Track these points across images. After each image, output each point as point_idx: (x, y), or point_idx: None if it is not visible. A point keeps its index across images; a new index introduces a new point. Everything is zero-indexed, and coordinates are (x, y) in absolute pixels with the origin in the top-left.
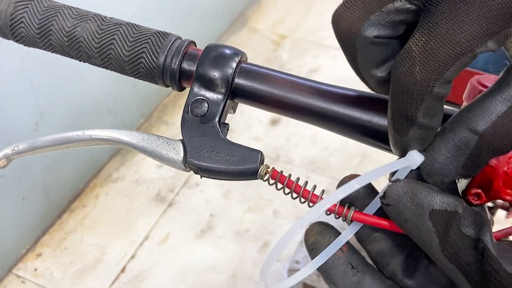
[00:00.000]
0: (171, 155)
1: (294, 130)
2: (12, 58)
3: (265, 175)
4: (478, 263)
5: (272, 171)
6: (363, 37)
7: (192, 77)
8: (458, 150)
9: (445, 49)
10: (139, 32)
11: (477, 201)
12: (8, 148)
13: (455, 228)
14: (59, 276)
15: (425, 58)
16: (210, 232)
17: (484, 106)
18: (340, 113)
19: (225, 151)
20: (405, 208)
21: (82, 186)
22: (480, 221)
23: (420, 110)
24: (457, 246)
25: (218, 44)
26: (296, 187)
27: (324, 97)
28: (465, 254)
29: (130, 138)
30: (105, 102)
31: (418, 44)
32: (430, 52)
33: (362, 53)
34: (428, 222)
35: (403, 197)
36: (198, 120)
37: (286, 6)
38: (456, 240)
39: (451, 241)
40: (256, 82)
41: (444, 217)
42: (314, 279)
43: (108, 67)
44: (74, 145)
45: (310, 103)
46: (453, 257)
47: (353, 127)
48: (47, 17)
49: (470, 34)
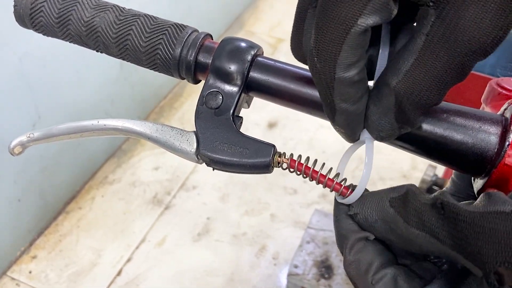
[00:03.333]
0: (184, 146)
1: (291, 133)
2: (11, 59)
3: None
4: (442, 220)
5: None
6: None
7: (207, 70)
8: (384, 107)
9: (327, 35)
10: (157, 24)
11: None
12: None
13: (412, 201)
14: (54, 279)
15: (317, 49)
16: (207, 236)
17: (395, 62)
18: None
19: (238, 143)
20: (369, 210)
21: (78, 188)
22: (434, 191)
23: (335, 97)
24: (419, 213)
25: (234, 37)
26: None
27: None
28: (427, 216)
29: (143, 129)
30: (102, 103)
31: (311, 38)
32: (319, 42)
33: None
34: (390, 209)
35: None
36: (212, 112)
37: (283, 9)
38: (416, 208)
39: (412, 212)
40: (271, 75)
41: (401, 199)
42: (313, 283)
43: (124, 58)
44: (88, 134)
45: None
46: (419, 223)
47: None
48: (67, 6)
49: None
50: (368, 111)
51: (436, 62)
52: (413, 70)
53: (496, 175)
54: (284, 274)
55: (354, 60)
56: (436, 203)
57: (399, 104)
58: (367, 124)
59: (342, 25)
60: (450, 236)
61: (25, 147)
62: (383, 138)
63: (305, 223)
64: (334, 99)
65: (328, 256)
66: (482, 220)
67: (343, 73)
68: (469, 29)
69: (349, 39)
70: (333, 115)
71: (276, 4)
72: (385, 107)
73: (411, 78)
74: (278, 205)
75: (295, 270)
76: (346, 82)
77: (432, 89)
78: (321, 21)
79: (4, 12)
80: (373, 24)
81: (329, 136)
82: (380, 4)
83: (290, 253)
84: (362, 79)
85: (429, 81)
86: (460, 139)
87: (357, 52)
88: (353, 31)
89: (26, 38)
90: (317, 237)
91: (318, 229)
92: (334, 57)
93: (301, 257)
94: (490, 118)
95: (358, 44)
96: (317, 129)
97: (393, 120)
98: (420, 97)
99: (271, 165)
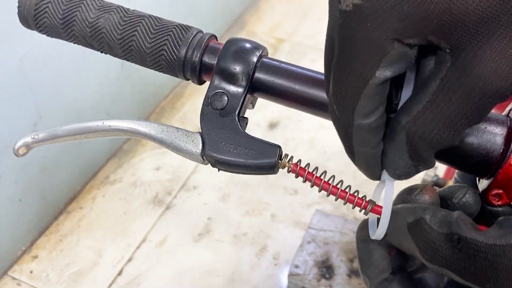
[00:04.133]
0: (189, 147)
1: (292, 134)
2: (12, 59)
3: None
4: (457, 254)
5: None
6: None
7: (212, 71)
8: (396, 144)
9: (345, 86)
10: (161, 25)
11: (498, 202)
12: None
13: (425, 232)
14: (55, 279)
15: (335, 98)
16: (208, 236)
17: (409, 102)
18: None
19: (243, 144)
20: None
21: (79, 188)
22: (448, 218)
23: (354, 142)
24: (433, 244)
25: (239, 38)
26: (317, 180)
27: None
28: (441, 249)
29: (149, 130)
30: (103, 104)
31: (330, 88)
32: (337, 93)
33: None
34: (408, 236)
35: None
36: (217, 113)
37: (284, 10)
38: (429, 241)
39: (425, 245)
40: (277, 76)
41: (417, 226)
42: (313, 284)
43: (129, 59)
44: (93, 135)
45: None
46: (433, 256)
47: None
48: (71, 7)
49: (360, 68)
50: (383, 149)
51: (449, 105)
52: (425, 111)
53: (502, 175)
54: (284, 274)
55: (372, 108)
56: (452, 238)
57: (411, 142)
58: (384, 162)
59: (359, 78)
60: (466, 270)
61: (29, 148)
62: (399, 176)
63: (305, 223)
64: (353, 144)
65: (329, 256)
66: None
67: (361, 121)
68: (485, 74)
69: (367, 90)
70: (353, 157)
71: (277, 4)
72: (397, 145)
73: (422, 119)
74: (278, 205)
75: (295, 270)
76: (365, 129)
77: (445, 131)
78: (338, 74)
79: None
80: (392, 75)
81: (330, 137)
82: (398, 55)
83: (291, 253)
84: (381, 124)
85: (441, 122)
86: (466, 140)
87: (376, 101)
88: (371, 83)
89: (27, 39)
90: (318, 237)
91: (319, 229)
92: (352, 106)
93: (302, 257)
94: (495, 119)
95: (377, 93)
96: (318, 129)
97: (407, 158)
98: (432, 137)
99: (276, 166)
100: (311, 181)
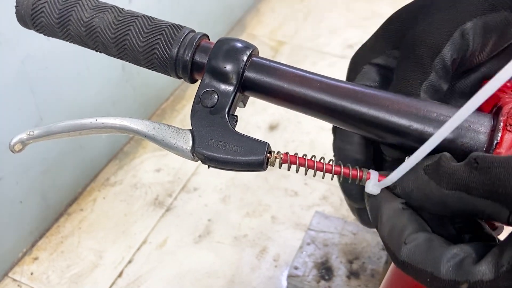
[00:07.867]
0: (180, 144)
1: (292, 136)
2: (13, 61)
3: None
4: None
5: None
6: None
7: (203, 69)
8: None
9: None
10: (154, 24)
11: None
12: (24, 133)
13: (444, 165)
14: (55, 280)
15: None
16: (208, 237)
17: None
18: (348, 108)
19: (232, 141)
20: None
21: (79, 189)
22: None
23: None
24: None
25: (230, 38)
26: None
27: (333, 92)
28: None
29: (141, 127)
30: (104, 105)
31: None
32: None
33: None
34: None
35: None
36: (207, 111)
37: (284, 12)
38: (448, 170)
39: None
40: (266, 75)
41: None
42: (313, 285)
43: (123, 58)
44: (87, 132)
45: (319, 97)
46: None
47: (361, 122)
48: (67, 7)
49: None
50: None
51: None
52: None
53: None
54: (284, 276)
55: None
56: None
57: None
58: None
59: None
60: (482, 185)
61: (25, 144)
62: None
63: (305, 225)
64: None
65: (328, 258)
66: None
67: None
68: None
69: None
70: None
71: (277, 7)
72: None
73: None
74: (279, 207)
75: (295, 271)
76: None
77: None
78: None
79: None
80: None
81: (330, 139)
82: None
83: (291, 255)
84: None
85: None
86: (449, 137)
87: None
88: None
89: (28, 41)
90: (317, 239)
91: (318, 231)
92: None
93: (301, 259)
94: (479, 117)
95: None
96: (318, 131)
97: None
98: None
99: (264, 163)
100: (304, 165)
